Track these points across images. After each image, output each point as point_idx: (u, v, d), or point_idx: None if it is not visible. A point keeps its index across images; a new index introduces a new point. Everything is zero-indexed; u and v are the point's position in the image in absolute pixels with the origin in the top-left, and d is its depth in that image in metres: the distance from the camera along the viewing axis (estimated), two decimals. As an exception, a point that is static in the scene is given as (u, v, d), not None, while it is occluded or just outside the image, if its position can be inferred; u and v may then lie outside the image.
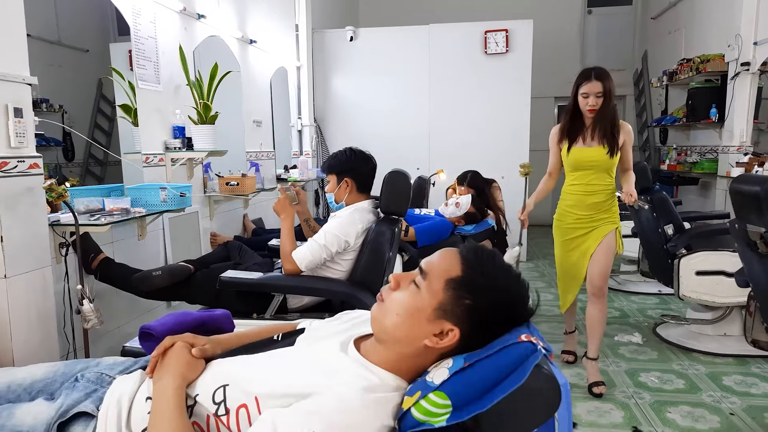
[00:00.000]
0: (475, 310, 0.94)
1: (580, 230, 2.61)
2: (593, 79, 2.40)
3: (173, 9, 3.02)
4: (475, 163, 4.26)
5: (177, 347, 1.07)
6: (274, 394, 0.94)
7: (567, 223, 2.65)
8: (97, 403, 1.05)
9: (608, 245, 2.57)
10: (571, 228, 2.64)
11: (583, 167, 2.54)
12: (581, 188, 2.58)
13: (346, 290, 2.06)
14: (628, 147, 2.55)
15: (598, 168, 2.52)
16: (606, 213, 2.58)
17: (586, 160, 2.52)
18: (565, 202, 2.66)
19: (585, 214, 2.58)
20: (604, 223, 2.58)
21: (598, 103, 2.41)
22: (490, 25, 5.23)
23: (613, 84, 2.43)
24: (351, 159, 2.23)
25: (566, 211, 2.65)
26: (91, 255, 2.33)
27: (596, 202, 2.56)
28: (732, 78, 4.57)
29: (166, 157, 2.96)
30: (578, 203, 2.59)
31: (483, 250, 0.99)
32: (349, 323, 1.15)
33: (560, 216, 2.70)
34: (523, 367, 0.86)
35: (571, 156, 2.55)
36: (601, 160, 2.49)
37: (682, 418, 2.32)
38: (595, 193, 2.56)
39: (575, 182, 2.60)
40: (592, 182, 2.55)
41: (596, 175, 2.54)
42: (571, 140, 2.54)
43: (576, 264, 2.65)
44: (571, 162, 2.57)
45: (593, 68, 2.45)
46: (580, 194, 2.58)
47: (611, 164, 2.51)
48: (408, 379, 0.97)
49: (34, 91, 2.91)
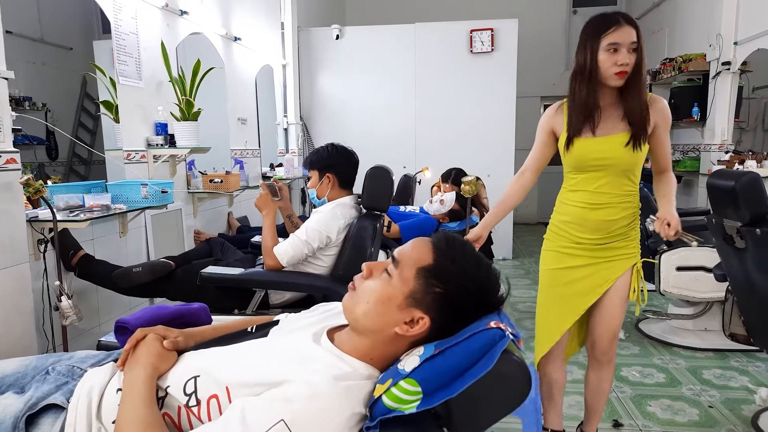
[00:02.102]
0: (445, 298, 0.94)
1: (581, 260, 1.77)
2: (624, 24, 1.58)
3: (155, 5, 3.00)
4: (460, 161, 4.27)
5: (148, 339, 1.07)
6: (245, 383, 0.93)
7: (562, 246, 1.80)
8: (67, 396, 1.04)
9: (623, 292, 1.77)
10: (567, 255, 1.79)
11: (590, 167, 1.70)
12: (585, 198, 1.72)
13: (328, 285, 2.06)
14: (662, 134, 1.72)
15: (614, 169, 1.68)
16: (623, 239, 1.74)
17: (597, 157, 1.67)
18: (561, 217, 1.80)
19: (590, 239, 1.74)
20: (619, 255, 1.75)
21: (632, 62, 1.59)
22: (476, 24, 5.26)
23: None
24: (333, 155, 2.23)
25: (562, 229, 1.80)
26: (70, 251, 2.31)
27: (608, 221, 1.71)
28: (713, 77, 4.63)
29: (148, 154, 2.94)
30: (580, 220, 1.74)
31: (455, 238, 0.99)
32: (323, 314, 1.15)
33: (553, 236, 1.84)
34: (491, 353, 0.86)
35: (576, 151, 1.70)
36: (619, 155, 1.65)
37: (662, 411, 2.34)
38: (607, 206, 1.70)
39: (577, 188, 1.75)
40: (603, 189, 1.70)
41: (609, 179, 1.69)
42: (577, 129, 1.69)
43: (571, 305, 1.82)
44: (575, 160, 1.72)
45: (615, 12, 1.63)
46: (583, 207, 1.73)
47: (635, 162, 1.68)
48: (380, 368, 0.97)
49: (17, 87, 2.91)
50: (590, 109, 1.66)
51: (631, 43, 1.58)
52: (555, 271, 1.82)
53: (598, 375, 1.90)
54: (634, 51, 1.59)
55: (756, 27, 4.14)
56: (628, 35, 1.58)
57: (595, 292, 1.78)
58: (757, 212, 1.88)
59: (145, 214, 2.84)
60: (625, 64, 1.58)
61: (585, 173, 1.73)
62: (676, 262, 3.04)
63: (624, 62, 1.58)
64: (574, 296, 1.80)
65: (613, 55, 1.59)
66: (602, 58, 1.60)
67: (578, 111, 1.67)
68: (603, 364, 1.87)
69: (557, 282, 1.82)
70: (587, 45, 1.63)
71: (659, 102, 1.70)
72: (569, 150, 1.71)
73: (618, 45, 1.58)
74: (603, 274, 1.76)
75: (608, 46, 1.59)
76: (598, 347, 1.85)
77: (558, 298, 1.83)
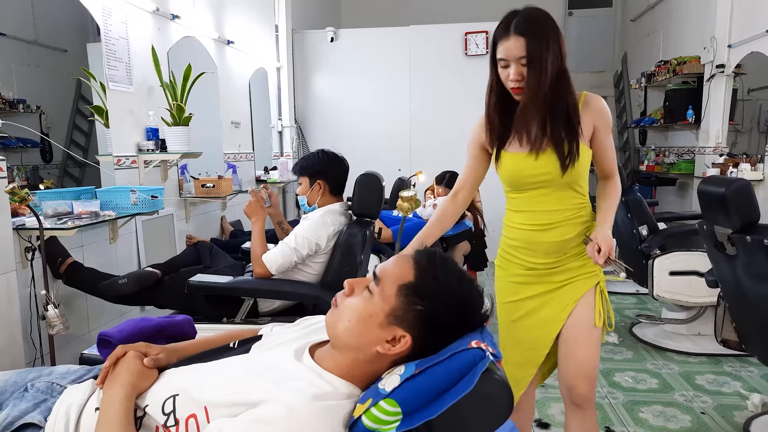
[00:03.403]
0: (427, 317, 0.93)
1: (536, 288, 1.55)
2: (512, 34, 1.37)
3: (146, 9, 2.98)
4: (455, 164, 4.22)
5: (128, 357, 1.05)
6: (223, 403, 0.92)
7: (514, 275, 1.59)
8: (45, 414, 1.02)
9: (588, 319, 1.52)
10: (520, 284, 1.57)
11: (528, 185, 1.50)
12: (531, 218, 1.52)
13: (317, 293, 2.05)
14: (603, 137, 1.50)
15: (555, 184, 1.48)
16: (579, 257, 1.53)
17: (531, 174, 1.47)
18: (509, 241, 1.59)
19: (543, 263, 1.53)
20: (577, 276, 1.53)
21: (522, 76, 1.38)
22: (470, 26, 5.25)
23: (555, 37, 1.39)
24: (323, 161, 2.22)
25: (512, 254, 1.58)
26: (59, 259, 2.29)
27: (561, 241, 1.51)
28: (708, 80, 4.63)
29: (139, 159, 2.92)
30: (529, 244, 1.53)
31: (437, 255, 0.98)
32: (307, 329, 1.13)
33: (504, 262, 1.62)
34: (471, 373, 0.85)
35: (507, 168, 1.50)
36: (554, 170, 1.45)
37: (654, 418, 2.34)
38: (557, 225, 1.50)
39: (520, 208, 1.55)
40: (549, 207, 1.50)
41: (553, 195, 1.49)
42: (502, 139, 1.51)
43: (532, 343, 1.59)
44: (509, 178, 1.52)
45: (516, 12, 1.40)
46: (531, 229, 1.52)
47: (576, 174, 1.47)
48: (362, 386, 0.96)
49: (11, 90, 2.89)
50: (494, 125, 1.50)
51: (519, 58, 1.37)
52: (510, 304, 1.61)
53: (581, 425, 1.57)
54: (524, 63, 1.37)
55: (750, 30, 4.14)
56: (514, 49, 1.36)
57: (557, 321, 1.54)
58: (747, 219, 1.88)
59: (136, 219, 2.83)
60: (516, 80, 1.39)
61: (524, 192, 1.52)
62: (669, 266, 3.04)
63: (514, 78, 1.39)
64: (531, 329, 1.57)
65: (504, 70, 1.41)
66: (500, 73, 1.43)
67: (487, 126, 1.53)
68: (585, 410, 1.56)
69: (513, 316, 1.60)
70: (491, 57, 1.45)
71: (595, 101, 1.48)
72: (499, 167, 1.53)
73: (505, 61, 1.39)
74: (561, 300, 1.53)
75: (499, 61, 1.41)
76: (575, 392, 1.55)
77: (517, 337, 1.61)
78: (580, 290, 1.53)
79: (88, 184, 2.78)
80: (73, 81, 3.13)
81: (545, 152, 1.45)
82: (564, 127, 1.43)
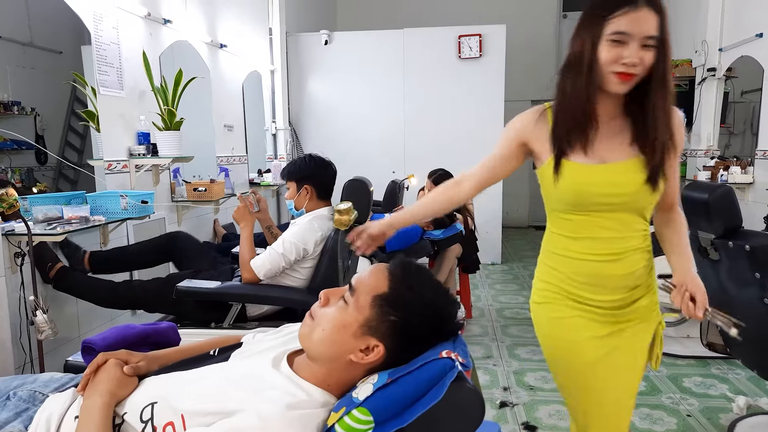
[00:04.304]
0: (400, 327, 0.94)
1: (600, 329, 1.26)
2: (643, 5, 1.10)
3: (137, 14, 2.99)
4: (449, 165, 4.26)
5: (109, 364, 1.07)
6: (199, 411, 0.93)
7: (566, 318, 1.28)
8: (26, 423, 1.04)
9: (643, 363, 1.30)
10: (582, 326, 1.27)
11: (593, 205, 1.20)
12: (597, 247, 1.23)
13: (304, 299, 2.06)
14: (674, 159, 1.23)
15: (627, 207, 1.20)
16: (645, 289, 1.28)
17: (605, 193, 1.18)
18: (557, 275, 1.29)
19: (608, 301, 1.25)
20: (646, 316, 1.28)
21: (644, 62, 1.11)
22: (464, 29, 5.27)
23: None
24: (310, 166, 2.23)
25: (564, 290, 1.28)
26: (48, 264, 2.30)
27: (628, 274, 1.24)
28: (699, 83, 4.66)
29: (130, 164, 2.93)
30: (593, 278, 1.24)
31: (411, 265, 1.00)
32: (287, 336, 1.15)
33: (547, 297, 1.31)
34: (441, 383, 0.87)
35: (570, 182, 1.19)
36: (634, 191, 1.18)
37: (641, 420, 2.36)
38: (625, 255, 1.23)
39: (578, 234, 1.24)
40: (614, 233, 1.21)
41: (619, 220, 1.21)
42: (564, 145, 1.20)
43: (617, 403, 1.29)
44: (571, 195, 1.21)
45: None
46: (594, 260, 1.23)
47: (655, 199, 1.21)
48: (337, 394, 0.98)
49: (5, 92, 2.89)
50: (582, 117, 1.17)
51: (647, 37, 1.10)
52: (573, 344, 1.28)
53: None
54: (652, 47, 1.11)
55: (740, 34, 4.17)
56: (644, 23, 1.09)
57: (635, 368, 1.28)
58: (730, 225, 1.90)
59: (127, 224, 2.84)
60: (633, 64, 1.10)
61: (586, 214, 1.21)
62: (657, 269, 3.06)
63: (632, 60, 1.10)
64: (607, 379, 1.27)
65: (616, 47, 1.11)
66: (603, 53, 1.12)
67: (565, 118, 1.19)
68: None
69: (586, 374, 1.28)
70: (587, 28, 1.14)
71: (677, 114, 1.22)
72: (558, 180, 1.20)
73: (626, 35, 1.10)
74: (632, 345, 1.27)
75: (614, 34, 1.10)
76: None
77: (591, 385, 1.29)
78: (649, 333, 1.29)
79: (83, 186, 2.80)
80: (68, 83, 3.14)
81: (623, 165, 1.18)
82: (656, 141, 1.17)
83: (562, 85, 1.22)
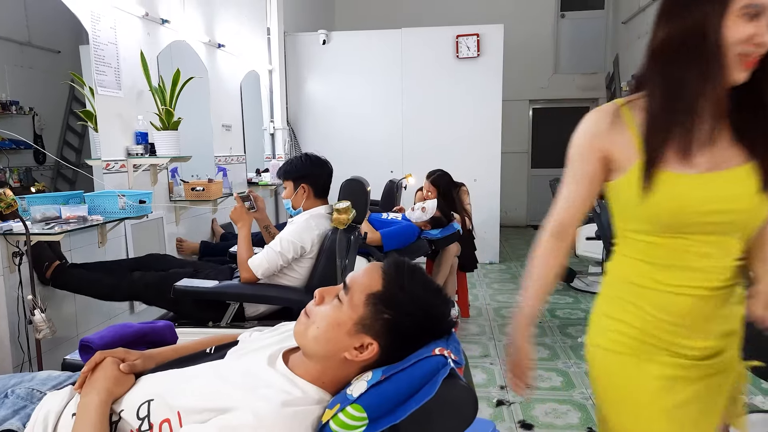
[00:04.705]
0: (393, 325, 0.95)
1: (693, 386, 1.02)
2: None
3: (135, 14, 3.00)
4: (447, 165, 4.29)
5: (106, 363, 1.08)
6: (195, 408, 0.94)
7: (658, 362, 1.02)
8: (24, 421, 1.04)
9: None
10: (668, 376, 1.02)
11: (694, 225, 0.97)
12: (691, 278, 1.00)
13: (301, 298, 2.06)
14: None
15: (734, 228, 0.98)
16: (738, 336, 1.07)
17: (711, 210, 0.96)
18: (644, 314, 1.03)
19: (700, 348, 1.02)
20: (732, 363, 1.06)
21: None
22: (462, 29, 5.28)
23: None
24: (307, 165, 2.24)
25: (648, 334, 1.03)
26: (45, 263, 2.31)
27: (729, 315, 1.03)
28: None
29: (128, 164, 2.94)
30: (690, 319, 1.01)
31: (405, 264, 1.01)
32: (283, 334, 1.16)
33: (629, 346, 1.05)
34: (433, 380, 0.88)
35: (666, 196, 0.96)
36: (747, 207, 0.96)
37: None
38: (723, 288, 1.00)
39: (669, 261, 1.01)
40: (714, 261, 0.99)
41: (718, 244, 0.98)
42: (663, 151, 0.96)
43: None
44: (666, 213, 0.97)
45: None
46: (691, 294, 1.00)
47: (764, 214, 0.99)
48: (332, 391, 0.99)
49: (3, 91, 2.89)
50: (693, 116, 0.94)
51: None
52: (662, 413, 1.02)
53: None
54: None
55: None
56: None
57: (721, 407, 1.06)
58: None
59: (125, 223, 2.84)
60: (765, 44, 0.89)
61: (683, 237, 0.98)
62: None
63: (764, 39, 0.88)
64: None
65: (748, 24, 0.89)
66: (729, 32, 0.89)
67: (668, 118, 0.95)
68: None
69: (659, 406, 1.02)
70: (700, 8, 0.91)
71: None
72: (650, 193, 0.96)
73: (761, 8, 0.88)
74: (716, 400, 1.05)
75: (747, 7, 0.88)
76: None
77: None
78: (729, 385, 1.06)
79: (81, 186, 2.80)
80: (67, 83, 3.14)
81: (739, 171, 0.96)
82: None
83: (653, 76, 0.99)
